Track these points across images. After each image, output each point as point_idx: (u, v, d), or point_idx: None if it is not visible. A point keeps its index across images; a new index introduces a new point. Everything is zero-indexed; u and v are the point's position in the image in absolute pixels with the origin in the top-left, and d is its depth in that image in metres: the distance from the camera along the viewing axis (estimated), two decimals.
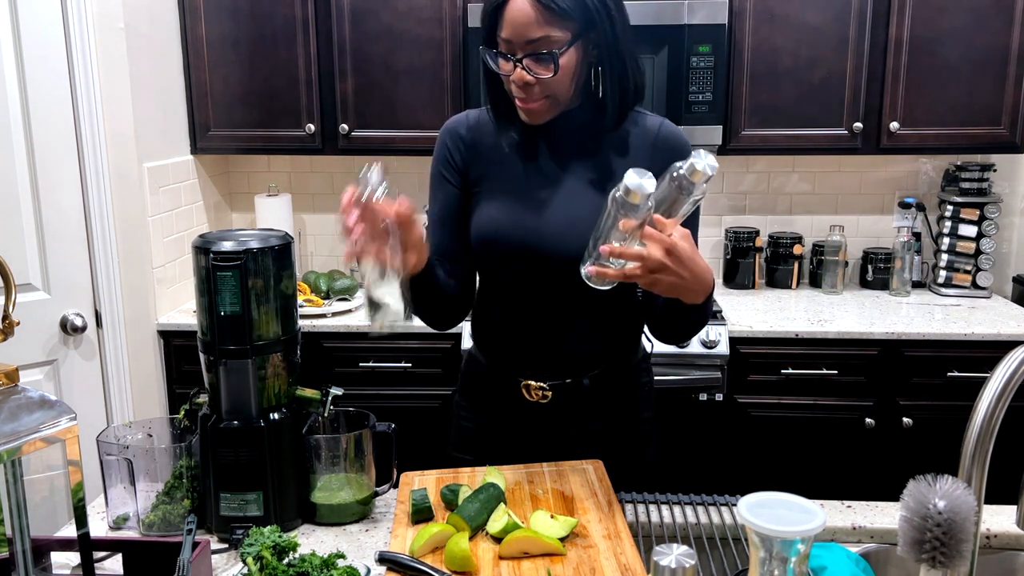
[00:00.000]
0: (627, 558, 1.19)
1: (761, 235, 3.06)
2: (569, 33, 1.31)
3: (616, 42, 1.35)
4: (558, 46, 1.31)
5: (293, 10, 2.78)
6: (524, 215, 1.44)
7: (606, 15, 1.33)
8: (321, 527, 1.36)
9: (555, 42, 1.31)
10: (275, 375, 1.33)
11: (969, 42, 2.66)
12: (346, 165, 3.22)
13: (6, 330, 1.05)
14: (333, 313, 2.76)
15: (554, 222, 1.42)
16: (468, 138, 1.51)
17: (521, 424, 1.55)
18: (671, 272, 1.18)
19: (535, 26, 1.30)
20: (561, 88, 1.36)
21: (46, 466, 1.06)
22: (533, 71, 1.33)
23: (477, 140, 1.50)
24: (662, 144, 1.44)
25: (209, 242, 1.29)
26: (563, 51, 1.31)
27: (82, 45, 2.38)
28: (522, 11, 1.30)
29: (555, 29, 1.30)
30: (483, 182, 1.49)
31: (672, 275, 1.19)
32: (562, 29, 1.31)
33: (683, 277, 1.19)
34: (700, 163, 1.15)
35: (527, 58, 1.32)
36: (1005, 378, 0.95)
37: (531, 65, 1.33)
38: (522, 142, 1.47)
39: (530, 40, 1.31)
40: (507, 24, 1.32)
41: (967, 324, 2.61)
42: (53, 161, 2.36)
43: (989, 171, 2.90)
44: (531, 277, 1.47)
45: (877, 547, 1.34)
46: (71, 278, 2.45)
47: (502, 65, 1.36)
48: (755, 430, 2.64)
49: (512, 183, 1.46)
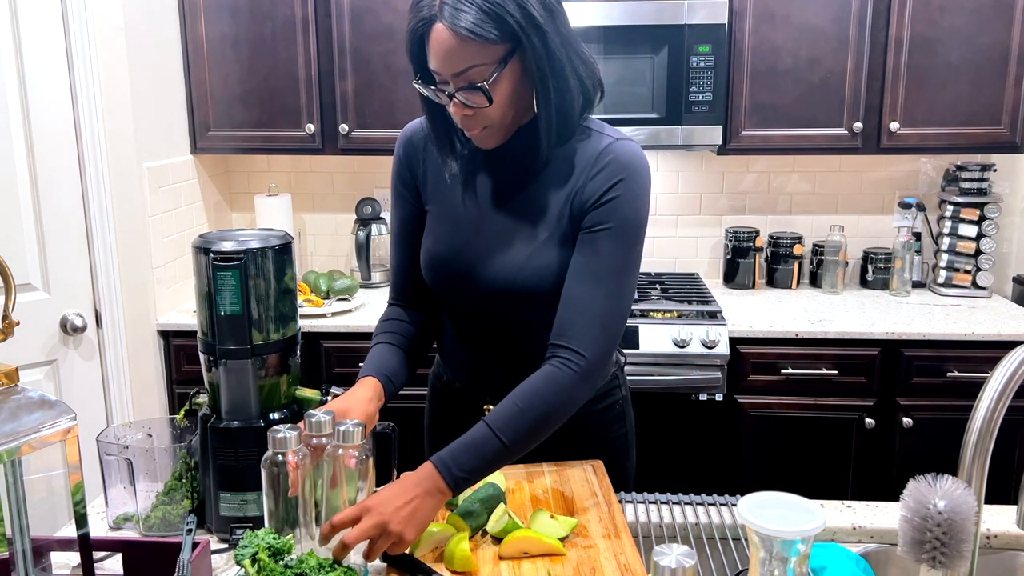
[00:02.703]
0: (627, 558, 1.19)
1: (761, 235, 3.06)
2: (496, 58, 1.22)
3: (550, 55, 1.24)
4: (487, 75, 1.23)
5: (293, 10, 2.78)
6: (461, 245, 1.40)
7: (533, 29, 1.21)
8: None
9: (483, 70, 1.23)
10: (275, 375, 1.33)
11: (969, 42, 2.66)
12: (346, 165, 3.22)
13: (6, 330, 1.05)
14: (333, 313, 2.76)
15: (488, 252, 1.38)
16: (422, 146, 1.46)
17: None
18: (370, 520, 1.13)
19: (459, 57, 1.22)
20: (501, 114, 1.29)
21: (46, 466, 1.06)
22: (468, 102, 1.26)
23: (428, 149, 1.45)
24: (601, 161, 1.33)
25: (209, 242, 1.29)
26: (492, 79, 1.23)
27: (82, 45, 2.38)
28: (443, 42, 1.22)
29: (480, 57, 1.22)
30: (431, 202, 1.46)
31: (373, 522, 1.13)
32: (488, 56, 1.22)
33: (378, 515, 1.13)
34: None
35: (460, 91, 1.25)
36: (1005, 378, 0.95)
37: (465, 96, 1.25)
38: (466, 167, 1.42)
39: (457, 72, 1.23)
40: (432, 55, 1.25)
41: (967, 324, 2.61)
42: (53, 161, 2.36)
43: (989, 171, 2.90)
44: (475, 306, 1.45)
45: (877, 547, 1.34)
46: (71, 278, 2.45)
47: (439, 97, 1.29)
48: (755, 430, 2.64)
49: (453, 210, 1.43)
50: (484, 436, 1.22)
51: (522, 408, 1.25)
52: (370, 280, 3.12)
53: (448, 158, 1.40)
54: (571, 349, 1.28)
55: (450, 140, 1.40)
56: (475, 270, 1.40)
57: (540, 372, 1.28)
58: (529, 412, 1.24)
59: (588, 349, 1.28)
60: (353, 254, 3.14)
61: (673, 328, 2.57)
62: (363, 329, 2.69)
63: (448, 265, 1.43)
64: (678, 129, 2.70)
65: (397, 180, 1.49)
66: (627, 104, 2.67)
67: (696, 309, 2.69)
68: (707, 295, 2.87)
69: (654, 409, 2.59)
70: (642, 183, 1.34)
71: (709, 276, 3.20)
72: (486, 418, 1.25)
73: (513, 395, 1.27)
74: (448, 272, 1.43)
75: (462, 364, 1.55)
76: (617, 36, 2.64)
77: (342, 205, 3.25)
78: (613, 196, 1.31)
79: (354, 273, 3.15)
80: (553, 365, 1.28)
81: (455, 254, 1.42)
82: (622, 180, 1.31)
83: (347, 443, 1.16)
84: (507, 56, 1.23)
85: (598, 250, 1.31)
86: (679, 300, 2.80)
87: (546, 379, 1.27)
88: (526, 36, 1.21)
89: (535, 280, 1.36)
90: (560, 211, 1.36)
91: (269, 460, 1.18)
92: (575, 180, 1.35)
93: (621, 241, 1.31)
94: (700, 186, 3.16)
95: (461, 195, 1.42)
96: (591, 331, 1.29)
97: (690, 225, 3.19)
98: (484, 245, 1.39)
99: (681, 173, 3.15)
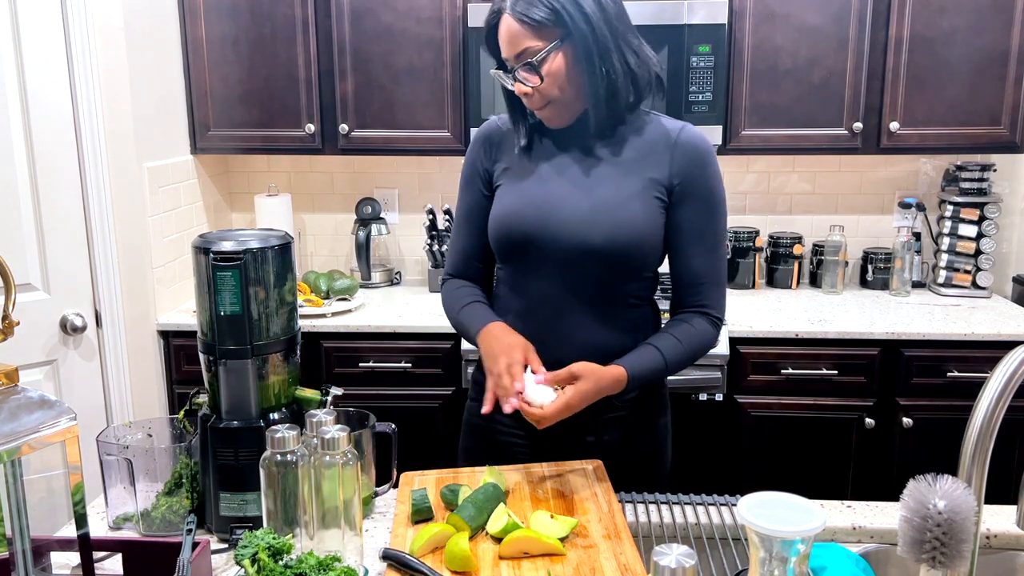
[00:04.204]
0: (627, 558, 1.19)
1: (761, 235, 3.06)
2: (548, 42, 1.41)
3: (596, 43, 1.41)
4: (539, 55, 1.42)
5: (293, 10, 2.78)
6: (537, 201, 1.50)
7: (582, 18, 1.40)
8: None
9: (536, 52, 1.42)
10: (275, 375, 1.33)
11: (969, 42, 2.66)
12: (346, 165, 3.22)
13: (6, 330, 1.05)
14: (333, 313, 2.76)
15: (564, 208, 1.48)
16: (497, 139, 1.60)
17: (530, 428, 1.53)
18: (563, 414, 1.37)
19: (519, 40, 1.42)
20: (557, 92, 1.45)
21: (46, 466, 1.06)
22: (524, 80, 1.44)
23: (504, 141, 1.59)
24: (681, 148, 1.49)
25: (209, 242, 1.29)
26: (541, 59, 1.41)
27: (82, 45, 2.38)
28: (507, 29, 1.43)
29: (536, 40, 1.42)
30: (504, 176, 1.57)
31: (565, 415, 1.37)
32: (542, 39, 1.41)
33: (573, 410, 1.37)
34: None
35: (519, 69, 1.44)
36: (1005, 378, 0.95)
37: (522, 75, 1.44)
38: (540, 142, 1.56)
39: (518, 53, 1.44)
40: (501, 43, 1.46)
41: (967, 324, 2.61)
42: (53, 161, 2.36)
43: (989, 171, 2.90)
44: (544, 263, 1.50)
45: (877, 547, 1.34)
46: (71, 278, 2.45)
47: (508, 79, 1.48)
48: (755, 430, 2.64)
49: (528, 176, 1.54)
50: (654, 356, 1.47)
51: (681, 340, 1.49)
52: (370, 280, 3.12)
53: (520, 132, 1.56)
54: (711, 307, 1.53)
55: (524, 119, 1.56)
56: (552, 220, 1.48)
57: (691, 317, 1.52)
58: (686, 344, 1.50)
59: (721, 310, 1.55)
60: (353, 254, 3.14)
61: None
62: (363, 329, 2.69)
63: (524, 218, 1.50)
64: None
65: (470, 168, 1.62)
66: None
67: None
68: None
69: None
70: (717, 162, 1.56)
71: None
72: (651, 341, 1.49)
73: (671, 331, 1.51)
74: (523, 224, 1.50)
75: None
76: None
77: (342, 205, 3.25)
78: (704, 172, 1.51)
79: (354, 273, 3.15)
80: (702, 316, 1.52)
81: (530, 206, 1.50)
82: (707, 158, 1.51)
83: (332, 449, 1.16)
84: (559, 41, 1.42)
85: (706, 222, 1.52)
86: None
87: (698, 325, 1.51)
88: (574, 24, 1.40)
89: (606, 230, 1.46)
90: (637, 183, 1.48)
91: (268, 460, 1.18)
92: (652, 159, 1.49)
93: (720, 212, 1.55)
94: None
95: (539, 164, 1.54)
96: (720, 293, 1.55)
97: None
98: (560, 200, 1.49)
99: None
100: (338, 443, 1.16)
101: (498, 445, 1.61)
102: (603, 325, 1.51)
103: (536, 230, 1.48)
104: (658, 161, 1.49)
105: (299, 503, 1.19)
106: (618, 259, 1.47)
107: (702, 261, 1.52)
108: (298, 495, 1.19)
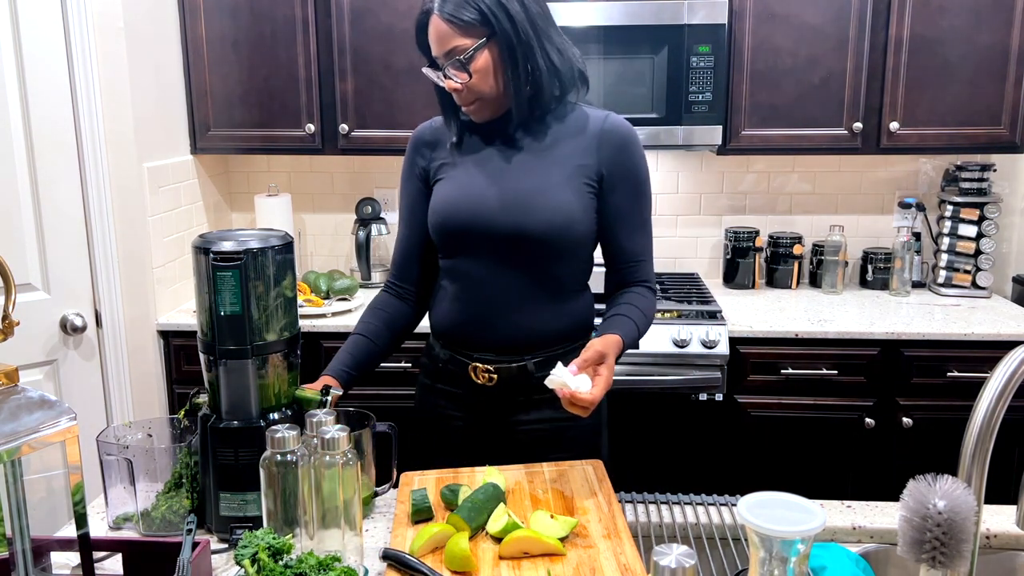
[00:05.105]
0: (627, 558, 1.19)
1: (761, 235, 3.06)
2: (475, 40, 1.50)
3: (520, 41, 1.50)
4: (467, 53, 1.50)
5: (293, 10, 2.78)
6: (471, 192, 1.58)
7: (506, 18, 1.48)
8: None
9: (465, 50, 1.50)
10: (275, 375, 1.33)
11: (969, 42, 2.66)
12: (346, 165, 3.22)
13: (6, 330, 1.06)
14: (333, 313, 2.76)
15: (496, 196, 1.56)
16: (429, 139, 1.69)
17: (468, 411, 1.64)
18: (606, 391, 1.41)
19: (448, 39, 1.50)
20: (484, 88, 1.53)
21: (46, 466, 1.06)
22: (453, 77, 1.52)
23: (438, 140, 1.67)
24: (607, 136, 1.58)
25: (209, 242, 1.29)
26: (469, 57, 1.50)
27: (82, 45, 2.38)
28: (436, 29, 1.51)
29: (463, 39, 1.50)
30: (440, 171, 1.65)
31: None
32: (469, 37, 1.50)
33: (610, 385, 1.43)
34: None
35: (448, 67, 1.52)
36: (1005, 378, 0.95)
37: (451, 72, 1.52)
38: (471, 137, 1.64)
39: (446, 52, 1.51)
40: (431, 42, 1.54)
41: (967, 324, 2.61)
42: (53, 161, 2.36)
43: (989, 171, 2.90)
44: (480, 251, 1.58)
45: (877, 547, 1.34)
46: (71, 278, 2.45)
47: (438, 76, 1.55)
48: (755, 430, 2.64)
49: (462, 169, 1.62)
50: (628, 323, 1.55)
51: (642, 310, 1.59)
52: (370, 280, 3.12)
53: (452, 128, 1.64)
54: (650, 280, 1.64)
55: (455, 116, 1.64)
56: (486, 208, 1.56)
57: (639, 291, 1.62)
58: (647, 313, 1.60)
59: (654, 281, 1.66)
60: (353, 254, 3.14)
61: (673, 328, 2.57)
62: None
63: (460, 208, 1.58)
64: (678, 129, 2.70)
65: (407, 170, 1.70)
66: (627, 104, 2.67)
67: (696, 309, 2.69)
68: (707, 295, 2.87)
69: (654, 409, 2.59)
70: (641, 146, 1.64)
71: (709, 276, 3.20)
72: (621, 312, 1.57)
73: (628, 305, 1.59)
74: (459, 214, 1.57)
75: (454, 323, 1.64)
76: (617, 36, 2.64)
77: (342, 205, 3.25)
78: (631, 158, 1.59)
79: (354, 273, 3.15)
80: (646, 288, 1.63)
81: (466, 197, 1.58)
82: (633, 144, 1.59)
83: (332, 449, 1.16)
84: (484, 38, 1.50)
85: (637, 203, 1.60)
86: (679, 300, 2.80)
87: (647, 296, 1.62)
88: (498, 22, 1.48)
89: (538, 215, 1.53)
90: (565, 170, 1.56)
91: (268, 460, 1.18)
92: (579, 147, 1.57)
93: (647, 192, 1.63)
94: (700, 186, 3.16)
95: (472, 157, 1.62)
96: (652, 266, 1.65)
97: (690, 225, 3.19)
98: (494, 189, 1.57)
99: (681, 173, 3.15)
100: (338, 443, 1.17)
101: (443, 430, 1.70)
102: (543, 309, 1.59)
103: (471, 218, 1.56)
104: (585, 149, 1.57)
105: (299, 503, 1.19)
106: (551, 243, 1.54)
107: (637, 240, 1.62)
108: (298, 495, 1.19)
